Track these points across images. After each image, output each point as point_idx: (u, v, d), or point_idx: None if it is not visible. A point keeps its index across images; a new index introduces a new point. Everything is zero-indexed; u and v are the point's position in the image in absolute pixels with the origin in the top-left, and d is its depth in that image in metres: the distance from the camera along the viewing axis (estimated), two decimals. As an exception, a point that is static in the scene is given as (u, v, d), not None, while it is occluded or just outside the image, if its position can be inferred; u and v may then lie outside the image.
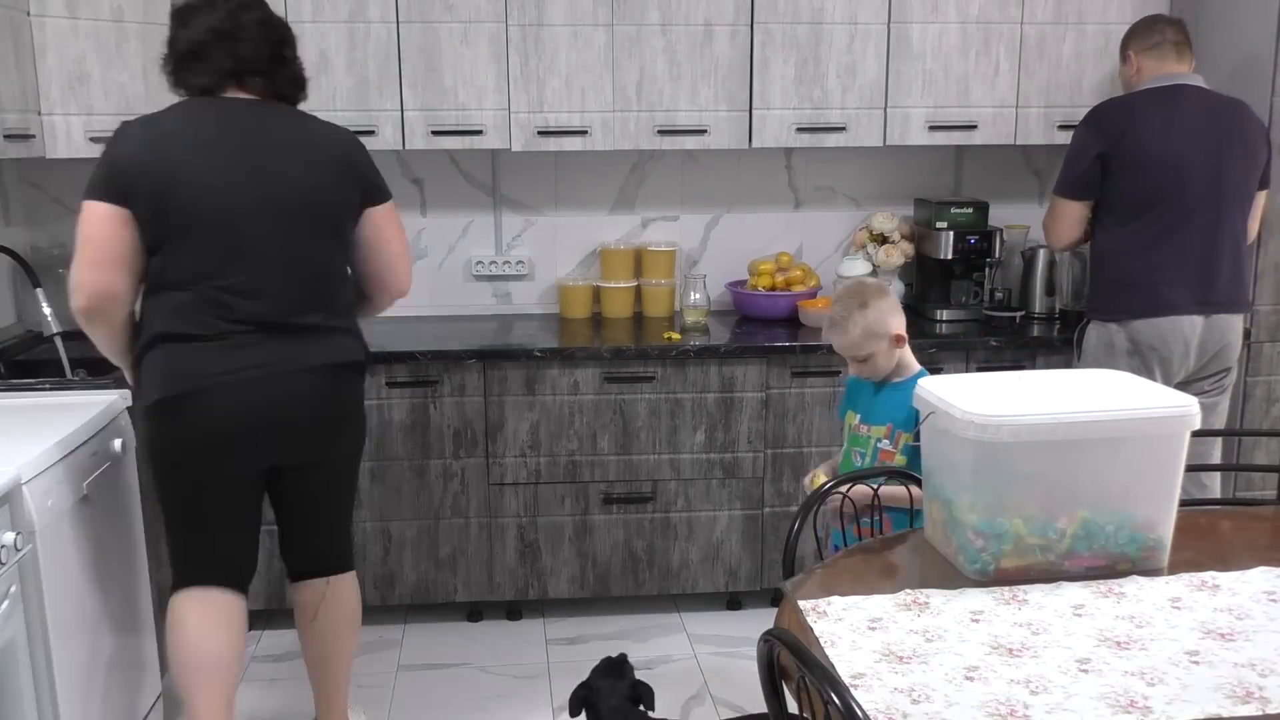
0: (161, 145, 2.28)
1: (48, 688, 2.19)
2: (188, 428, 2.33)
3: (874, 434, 2.47)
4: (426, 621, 3.46)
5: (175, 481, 2.40)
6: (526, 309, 3.85)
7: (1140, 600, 1.79)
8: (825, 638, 1.68)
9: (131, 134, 2.30)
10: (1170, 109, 3.06)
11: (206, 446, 2.35)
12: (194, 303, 2.29)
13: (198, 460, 2.37)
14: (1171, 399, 1.90)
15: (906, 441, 2.38)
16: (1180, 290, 3.03)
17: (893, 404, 2.42)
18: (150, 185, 2.24)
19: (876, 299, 2.43)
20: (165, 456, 2.39)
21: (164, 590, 2.53)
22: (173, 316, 2.29)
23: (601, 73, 3.37)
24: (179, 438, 2.35)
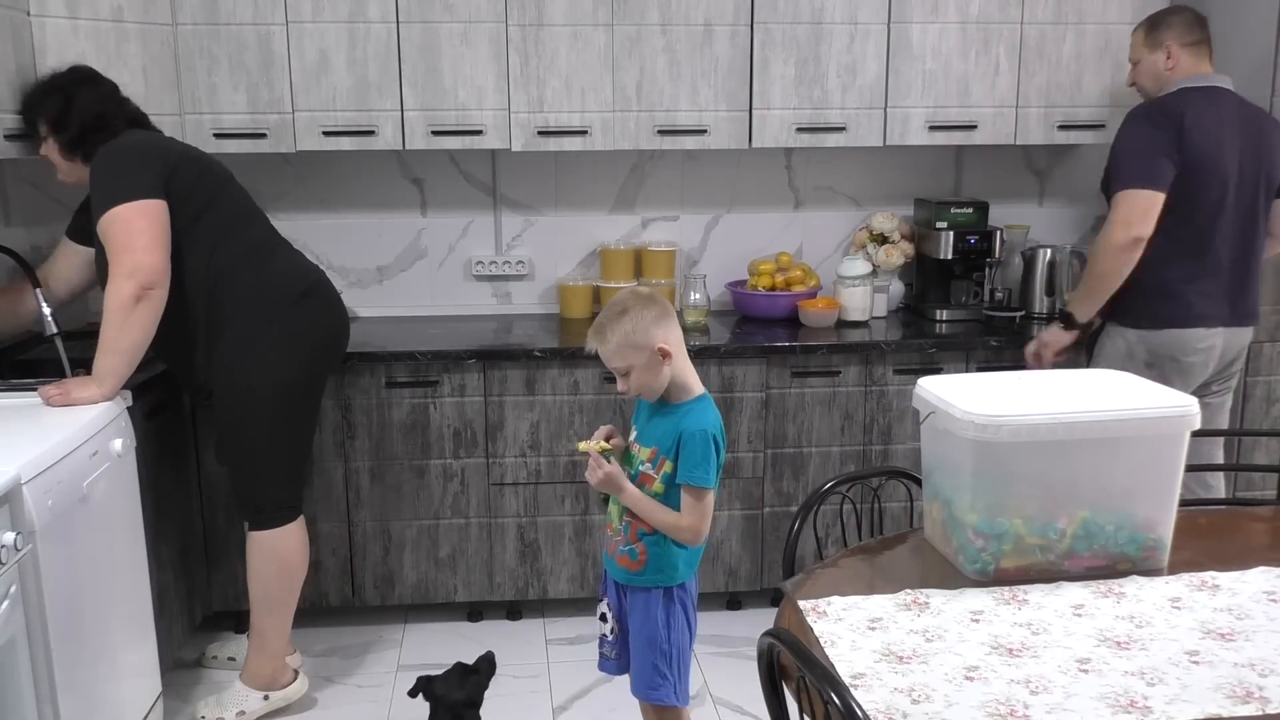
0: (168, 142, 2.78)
1: (48, 688, 2.18)
2: (331, 310, 2.87)
3: (641, 455, 2.24)
4: (426, 621, 3.46)
5: (308, 383, 2.83)
6: (526, 309, 3.85)
7: (1140, 600, 1.79)
8: (825, 638, 1.68)
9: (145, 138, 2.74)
10: (1216, 110, 2.93)
11: (338, 333, 2.94)
12: (257, 227, 2.81)
13: (332, 349, 2.92)
14: (1171, 399, 1.90)
15: (666, 471, 2.18)
16: (1212, 302, 2.93)
17: (661, 428, 2.20)
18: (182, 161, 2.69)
19: (639, 307, 2.14)
20: (305, 352, 2.79)
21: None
22: (250, 239, 2.76)
23: (601, 73, 3.37)
24: (327, 321, 2.87)
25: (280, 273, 2.78)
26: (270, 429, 2.77)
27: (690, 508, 2.18)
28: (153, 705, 2.74)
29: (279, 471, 2.83)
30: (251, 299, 2.72)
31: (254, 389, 2.73)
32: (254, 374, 2.73)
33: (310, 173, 3.68)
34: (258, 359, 2.72)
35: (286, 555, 2.86)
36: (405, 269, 3.80)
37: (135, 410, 2.67)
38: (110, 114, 2.73)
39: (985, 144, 3.58)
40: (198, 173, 2.72)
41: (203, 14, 3.23)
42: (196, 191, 2.69)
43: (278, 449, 2.81)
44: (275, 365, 2.74)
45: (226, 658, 3.18)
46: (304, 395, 2.84)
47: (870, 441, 3.40)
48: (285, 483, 2.85)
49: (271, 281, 2.75)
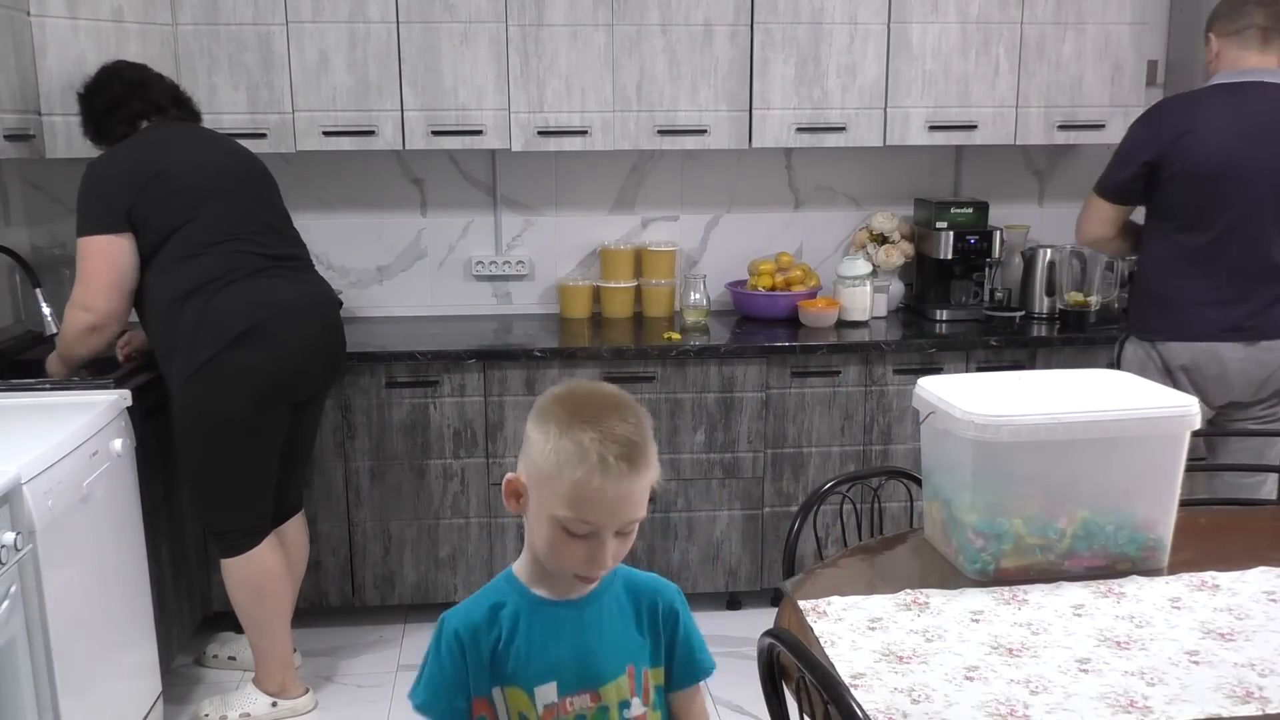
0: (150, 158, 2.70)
1: (48, 688, 2.18)
2: (274, 353, 2.68)
3: (609, 698, 1.40)
4: (427, 621, 3.46)
5: (254, 420, 2.70)
6: (526, 309, 3.85)
7: (1140, 600, 1.79)
8: (825, 638, 1.68)
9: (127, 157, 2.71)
10: (1235, 110, 2.75)
11: (291, 371, 2.74)
12: (229, 251, 2.68)
13: (279, 388, 2.72)
14: (1171, 399, 1.90)
15: (657, 684, 1.45)
16: (1222, 314, 2.78)
17: (615, 629, 1.43)
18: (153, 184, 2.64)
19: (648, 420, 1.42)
20: (246, 392, 2.66)
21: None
22: (213, 266, 2.65)
23: (601, 73, 3.37)
24: (266, 365, 2.67)
25: (222, 311, 2.63)
26: (218, 462, 2.72)
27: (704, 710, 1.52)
28: (153, 705, 2.74)
29: (232, 501, 2.77)
30: (193, 331, 2.63)
31: (196, 422, 2.69)
32: (191, 405, 2.68)
33: (310, 173, 3.68)
34: (194, 391, 2.66)
35: (259, 579, 2.81)
36: (405, 269, 3.80)
37: (135, 410, 2.67)
38: (125, 98, 2.74)
39: (985, 144, 3.58)
40: (170, 192, 2.65)
41: (203, 14, 3.23)
42: (165, 212, 2.65)
43: (229, 480, 2.75)
44: (211, 399, 2.65)
45: (227, 657, 3.19)
46: (252, 431, 2.71)
47: (870, 441, 3.40)
48: (242, 510, 2.78)
49: (213, 315, 2.63)
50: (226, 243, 2.69)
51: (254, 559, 2.80)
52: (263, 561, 2.81)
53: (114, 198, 2.62)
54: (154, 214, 2.64)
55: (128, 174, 2.66)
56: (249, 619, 2.86)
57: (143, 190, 2.63)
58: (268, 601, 2.84)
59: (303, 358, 2.77)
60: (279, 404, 2.76)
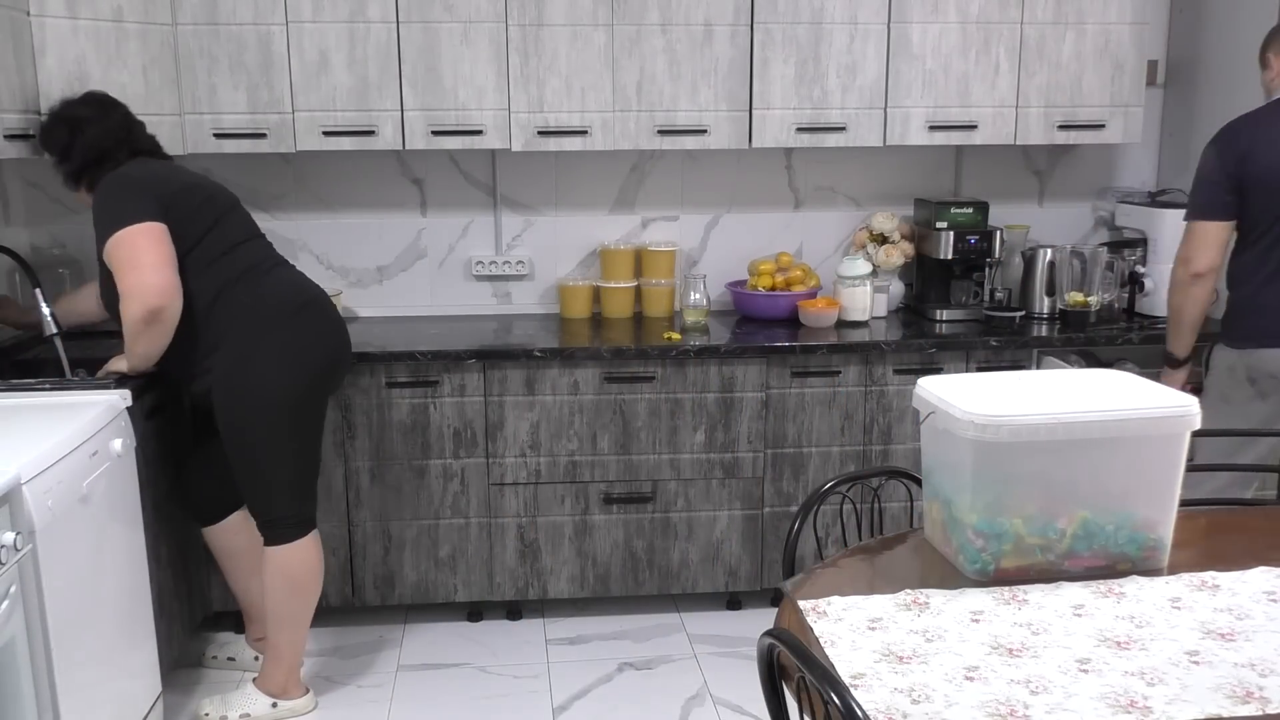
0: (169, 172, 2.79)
1: (48, 688, 2.19)
2: (322, 334, 2.83)
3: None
4: (426, 621, 3.46)
5: (304, 400, 2.78)
6: (526, 309, 3.85)
7: (1140, 600, 1.79)
8: (825, 638, 1.68)
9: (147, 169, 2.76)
10: None
11: (336, 352, 2.89)
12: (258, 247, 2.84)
13: (325, 369, 2.84)
14: (1171, 399, 1.90)
15: None
16: None
17: None
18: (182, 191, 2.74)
19: None
20: (299, 373, 2.75)
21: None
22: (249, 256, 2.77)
23: (601, 73, 3.37)
24: (317, 344, 2.81)
25: (277, 287, 2.79)
26: (272, 441, 2.75)
27: None
28: (153, 705, 2.74)
29: (286, 484, 2.80)
30: (248, 313, 2.72)
31: (253, 402, 2.72)
32: (253, 386, 2.71)
33: (310, 173, 3.68)
34: (256, 372, 2.71)
35: (298, 572, 2.84)
36: (405, 269, 3.80)
37: (135, 410, 2.67)
38: (112, 149, 2.75)
39: (985, 144, 3.58)
40: (199, 201, 2.75)
41: (203, 14, 3.23)
42: (196, 217, 2.72)
43: (282, 461, 2.78)
44: (273, 376, 2.72)
45: (226, 658, 3.19)
46: (304, 406, 2.79)
47: (870, 441, 3.40)
48: (294, 496, 2.82)
49: (267, 296, 2.76)
50: (252, 241, 2.84)
51: (300, 549, 2.83)
52: (306, 553, 2.85)
53: (150, 192, 2.65)
54: (186, 215, 2.69)
55: (162, 179, 2.72)
56: (277, 612, 2.87)
57: (177, 194, 2.70)
58: (302, 596, 2.87)
59: (340, 339, 2.91)
60: (326, 386, 2.89)
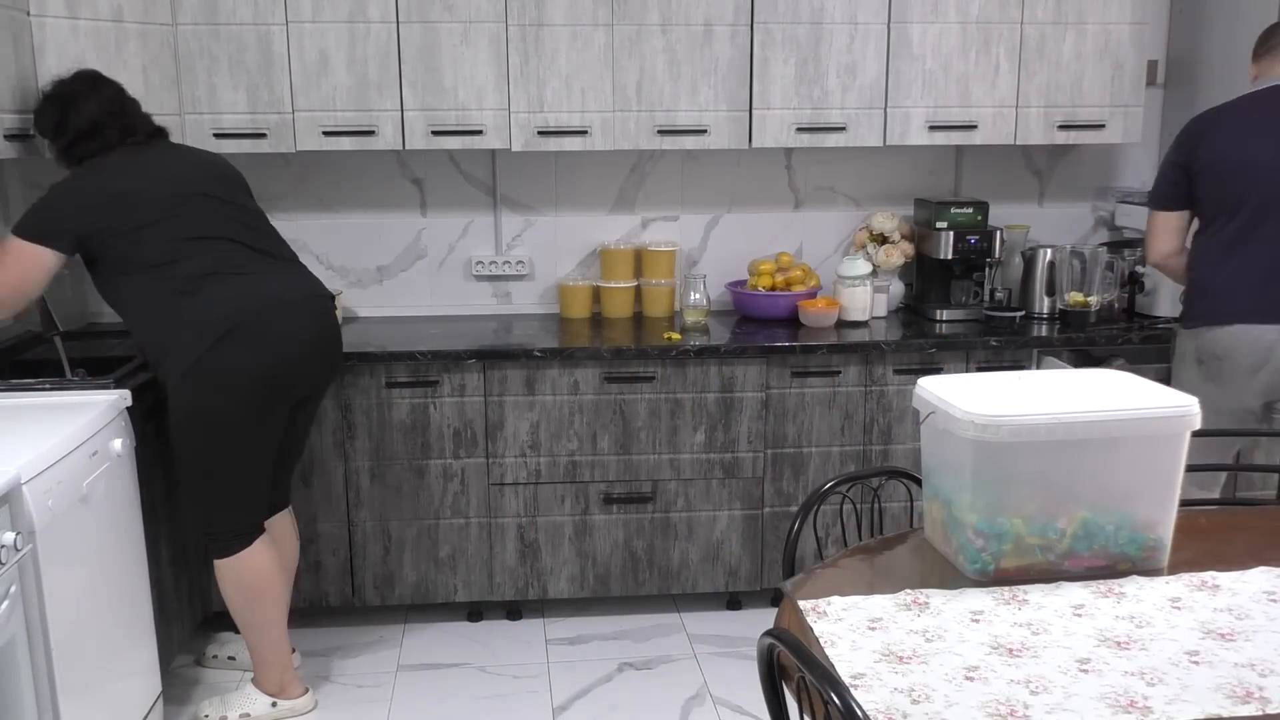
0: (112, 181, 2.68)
1: (48, 688, 2.19)
2: (264, 350, 2.66)
3: None
4: (426, 621, 3.46)
5: (247, 420, 2.68)
6: (526, 309, 3.85)
7: (1140, 600, 1.79)
8: (825, 638, 1.68)
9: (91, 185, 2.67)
10: (1257, 113, 2.96)
11: (284, 369, 2.72)
12: (207, 250, 2.67)
13: (273, 387, 2.71)
14: (1171, 399, 1.90)
15: None
16: (1245, 299, 2.91)
17: None
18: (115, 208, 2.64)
19: None
20: (238, 392, 2.65)
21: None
22: (192, 266, 2.64)
23: (601, 73, 3.37)
24: (256, 363, 2.65)
25: (207, 310, 2.63)
26: (210, 462, 2.70)
27: None
28: (153, 705, 2.74)
29: (226, 501, 2.76)
30: (181, 332, 2.63)
31: (188, 422, 2.67)
32: (187, 408, 2.66)
33: (310, 173, 3.68)
34: (187, 394, 2.65)
35: (252, 580, 2.80)
36: (405, 269, 3.80)
37: (135, 410, 2.67)
38: (105, 123, 2.70)
39: (985, 144, 3.58)
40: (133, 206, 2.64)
41: (203, 14, 3.23)
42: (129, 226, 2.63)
43: (222, 481, 2.73)
44: (205, 402, 2.64)
45: (226, 657, 3.19)
46: (245, 431, 2.70)
47: (870, 441, 3.40)
48: (235, 511, 2.77)
49: (197, 318, 2.63)
50: (201, 242, 2.67)
51: (247, 560, 2.79)
52: (256, 562, 2.80)
53: (69, 219, 2.61)
54: (120, 225, 2.62)
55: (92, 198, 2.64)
56: (244, 620, 2.86)
57: (105, 211, 2.62)
58: (262, 602, 2.84)
59: (296, 355, 2.75)
60: (274, 403, 2.75)
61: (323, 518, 3.30)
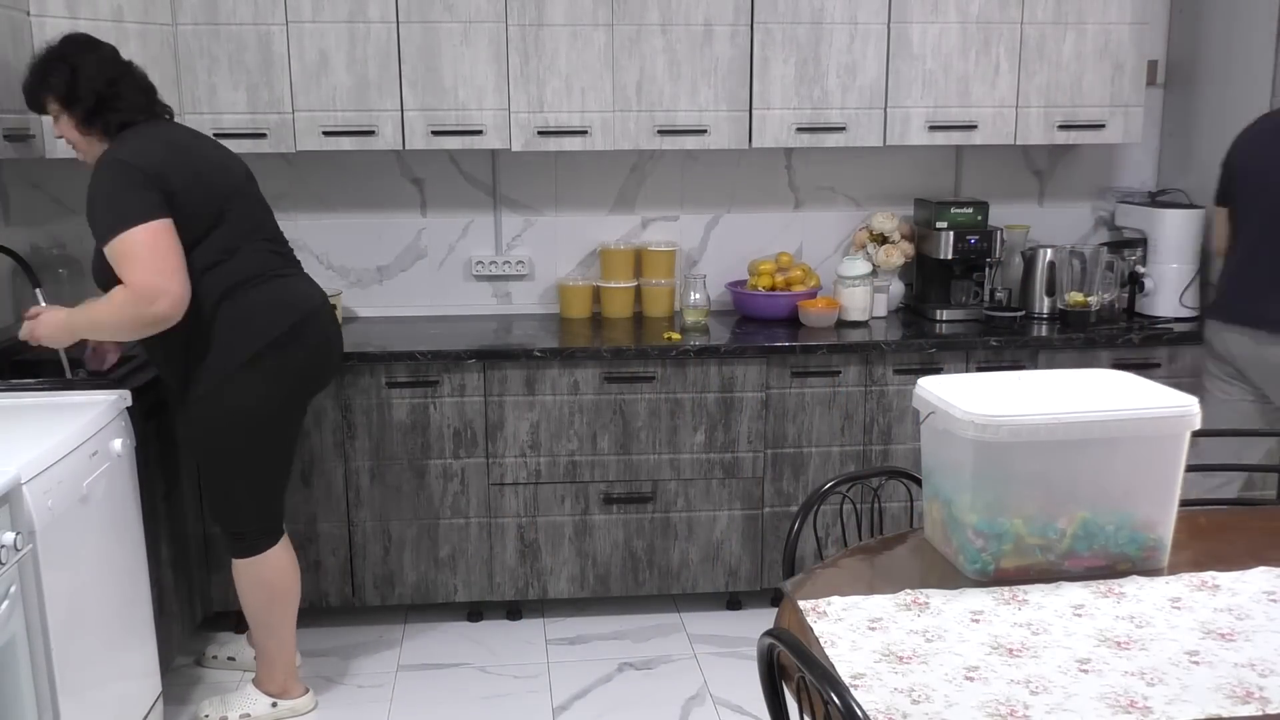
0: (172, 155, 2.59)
1: (48, 688, 2.19)
2: (308, 351, 2.74)
3: None
4: (426, 621, 3.46)
5: (285, 417, 2.75)
6: (526, 309, 3.85)
7: (1140, 600, 1.79)
8: (825, 638, 1.68)
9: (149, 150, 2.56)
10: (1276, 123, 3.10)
11: (318, 369, 2.82)
12: (256, 251, 2.69)
13: (308, 385, 2.80)
14: (1171, 399, 1.90)
15: None
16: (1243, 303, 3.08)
17: None
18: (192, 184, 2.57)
19: None
20: (283, 390, 2.70)
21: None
22: (245, 266, 2.64)
23: (601, 73, 3.37)
24: (301, 362, 2.72)
25: (262, 309, 2.64)
26: (243, 460, 2.72)
27: None
28: (153, 705, 2.74)
29: (256, 500, 2.77)
30: (231, 333, 2.61)
31: (227, 422, 2.66)
32: (228, 407, 2.64)
33: (310, 173, 3.68)
34: (238, 390, 2.63)
35: (273, 580, 2.83)
36: (405, 269, 3.80)
37: (135, 410, 2.67)
38: (119, 78, 2.60)
39: (985, 144, 3.58)
40: (202, 194, 2.59)
41: (203, 14, 3.23)
42: (199, 216, 2.57)
43: (253, 479, 2.75)
44: (253, 397, 2.65)
45: (226, 658, 3.19)
46: (278, 427, 2.75)
47: (870, 441, 3.40)
48: (263, 510, 2.79)
49: (252, 318, 2.63)
50: (252, 243, 2.69)
51: (272, 559, 2.81)
52: (279, 560, 2.83)
53: (149, 185, 2.49)
54: (191, 210, 2.54)
55: (163, 168, 2.53)
56: (260, 621, 2.86)
57: (181, 189, 2.53)
58: (281, 602, 2.86)
59: (326, 356, 2.85)
60: (304, 401, 2.85)
61: (323, 518, 3.30)
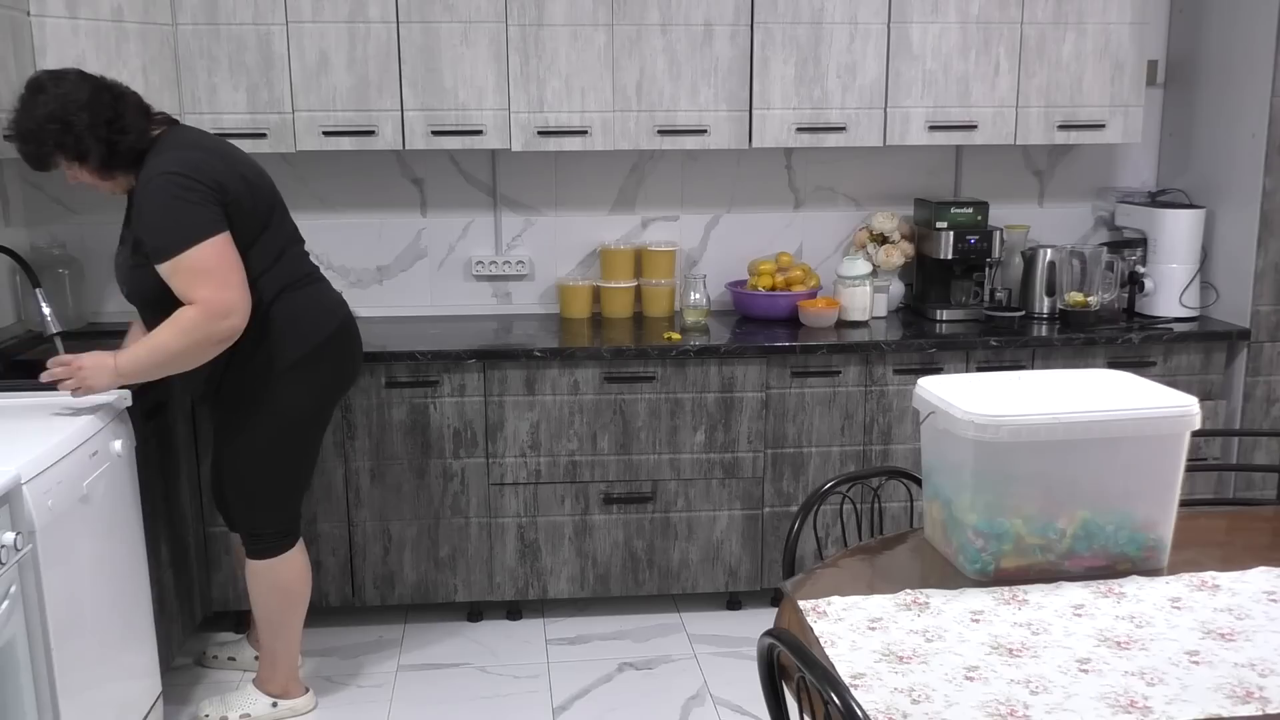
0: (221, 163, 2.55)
1: (48, 688, 2.19)
2: (347, 354, 2.82)
3: None
4: (426, 621, 3.46)
5: (316, 419, 2.79)
6: (526, 309, 3.85)
7: (1140, 600, 1.79)
8: (825, 638, 1.68)
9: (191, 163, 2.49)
10: None
11: (351, 374, 2.87)
12: (298, 255, 2.75)
13: (342, 388, 2.85)
14: (1171, 399, 1.90)
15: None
16: None
17: None
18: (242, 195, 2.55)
19: None
20: (327, 392, 2.78)
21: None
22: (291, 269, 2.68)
23: (601, 73, 3.37)
24: (344, 364, 2.81)
25: (311, 312, 2.69)
26: (274, 462, 2.74)
27: None
28: (153, 705, 2.74)
29: (278, 502, 2.79)
30: (282, 335, 2.63)
31: (262, 424, 2.68)
32: (270, 406, 2.66)
33: (310, 173, 3.68)
34: (277, 391, 2.66)
35: (288, 582, 2.84)
36: (405, 269, 3.80)
37: (135, 410, 2.67)
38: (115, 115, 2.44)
39: (985, 144, 3.58)
40: (255, 203, 2.58)
41: (203, 14, 3.23)
42: (251, 221, 2.56)
43: (279, 481, 2.77)
44: (292, 398, 2.68)
45: (226, 658, 3.19)
46: (311, 430, 2.80)
47: (870, 441, 3.40)
48: (284, 511, 2.81)
49: (303, 315, 2.67)
50: (294, 247, 2.73)
51: (288, 560, 2.82)
52: (294, 564, 2.84)
53: (208, 199, 2.45)
54: (247, 216, 2.54)
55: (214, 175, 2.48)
56: (272, 622, 2.86)
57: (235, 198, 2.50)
58: (294, 605, 2.87)
59: (357, 361, 2.90)
60: (335, 405, 2.89)
61: (323, 518, 3.30)
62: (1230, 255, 3.57)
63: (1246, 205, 3.47)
